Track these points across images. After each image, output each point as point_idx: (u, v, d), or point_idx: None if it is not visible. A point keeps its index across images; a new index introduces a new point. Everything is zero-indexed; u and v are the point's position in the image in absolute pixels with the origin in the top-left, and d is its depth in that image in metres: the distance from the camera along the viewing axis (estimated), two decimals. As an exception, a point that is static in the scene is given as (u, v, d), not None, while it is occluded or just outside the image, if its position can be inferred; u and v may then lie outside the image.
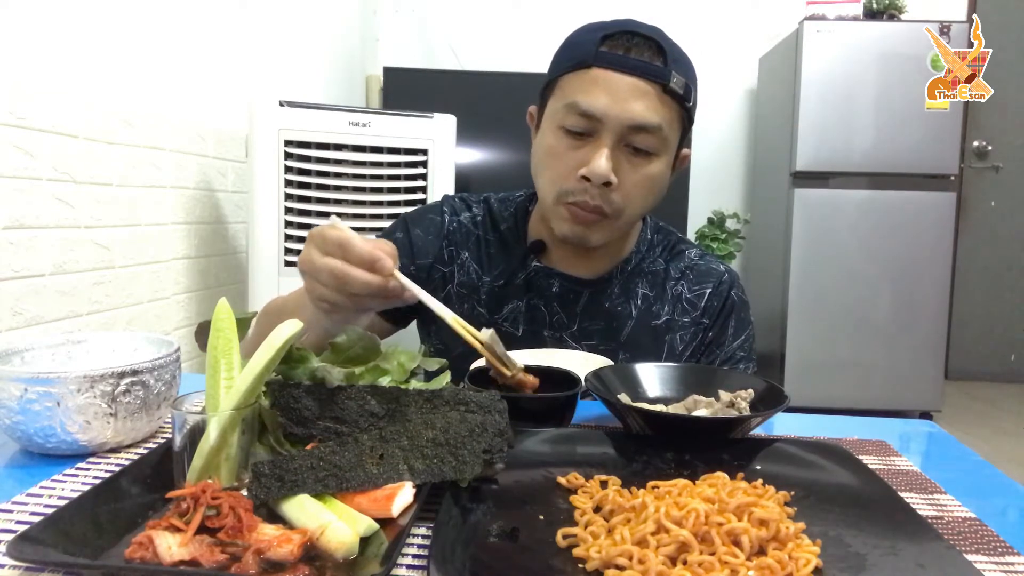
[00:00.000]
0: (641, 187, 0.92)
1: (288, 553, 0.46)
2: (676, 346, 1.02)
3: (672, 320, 1.03)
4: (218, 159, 2.04)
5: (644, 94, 0.88)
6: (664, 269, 1.05)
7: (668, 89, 0.88)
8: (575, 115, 0.89)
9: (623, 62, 0.88)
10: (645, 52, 0.89)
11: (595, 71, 0.88)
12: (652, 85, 0.88)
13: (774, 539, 0.49)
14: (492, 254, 1.05)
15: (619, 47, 0.89)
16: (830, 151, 3.16)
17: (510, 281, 1.02)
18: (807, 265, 3.21)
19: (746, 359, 1.04)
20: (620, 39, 0.89)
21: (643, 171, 0.91)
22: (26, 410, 0.63)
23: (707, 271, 1.06)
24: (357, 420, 0.61)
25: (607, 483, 0.58)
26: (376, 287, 0.70)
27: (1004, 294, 4.08)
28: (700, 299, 1.04)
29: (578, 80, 0.90)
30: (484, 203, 1.10)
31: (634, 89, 0.87)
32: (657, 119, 0.88)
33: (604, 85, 0.88)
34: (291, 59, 2.57)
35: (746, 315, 1.06)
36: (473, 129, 2.62)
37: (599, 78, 0.88)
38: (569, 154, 0.91)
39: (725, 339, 1.04)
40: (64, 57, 1.44)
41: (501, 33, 3.66)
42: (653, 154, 0.91)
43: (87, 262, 1.52)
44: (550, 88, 0.95)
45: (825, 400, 3.13)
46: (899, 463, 0.72)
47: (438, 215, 1.07)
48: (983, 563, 0.51)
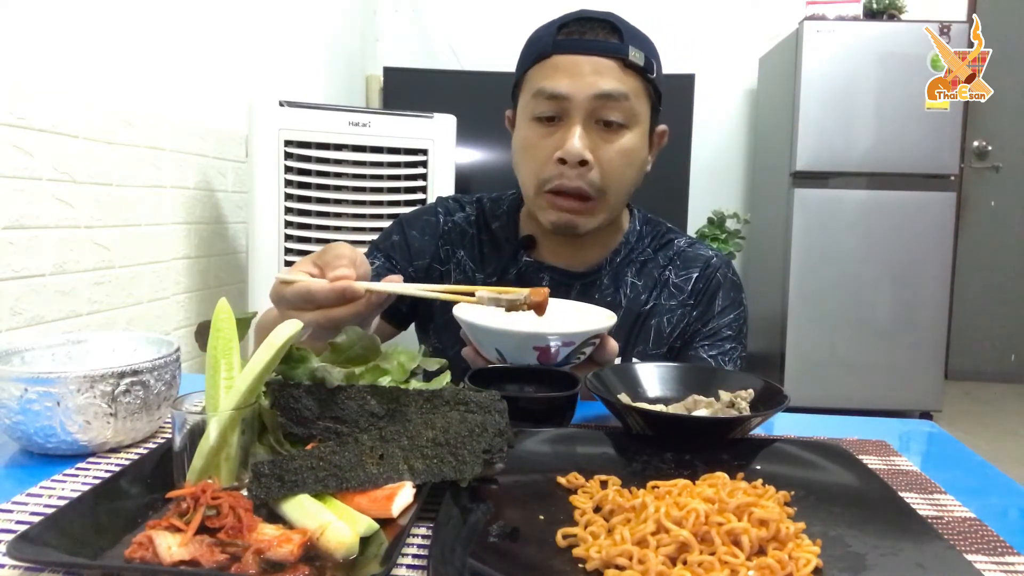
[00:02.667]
0: (618, 162, 0.94)
1: (288, 553, 0.46)
2: (663, 329, 1.02)
3: (659, 304, 1.03)
4: (218, 159, 2.04)
5: (606, 68, 0.91)
6: (653, 259, 1.06)
7: (628, 63, 0.91)
8: (543, 100, 0.93)
9: (580, 44, 0.92)
10: (600, 33, 0.93)
11: (556, 58, 0.92)
12: (612, 60, 0.91)
13: (774, 539, 0.49)
14: (486, 252, 1.07)
15: (575, 32, 0.93)
16: (830, 151, 3.16)
17: (503, 277, 1.04)
18: (807, 265, 3.21)
19: (733, 339, 1.03)
20: (575, 25, 0.94)
21: (617, 144, 0.93)
22: (26, 410, 0.63)
23: (695, 257, 1.06)
24: (357, 420, 0.61)
25: (607, 483, 0.58)
26: (361, 311, 0.72)
27: (1004, 294, 4.08)
28: (687, 283, 1.04)
29: (541, 70, 0.94)
30: (477, 203, 1.12)
31: (595, 65, 0.91)
32: (623, 87, 0.91)
33: (566, 67, 0.92)
34: (291, 59, 2.57)
35: (736, 296, 1.05)
36: (473, 129, 2.61)
37: (560, 63, 0.92)
38: (543, 142, 0.94)
39: (711, 316, 1.03)
40: (64, 57, 1.44)
41: (501, 33, 3.65)
42: (624, 126, 0.93)
43: (87, 262, 1.52)
44: (519, 87, 0.99)
45: (825, 400, 3.13)
46: (899, 463, 0.72)
47: (433, 216, 1.10)
48: (983, 563, 0.51)
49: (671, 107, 1.07)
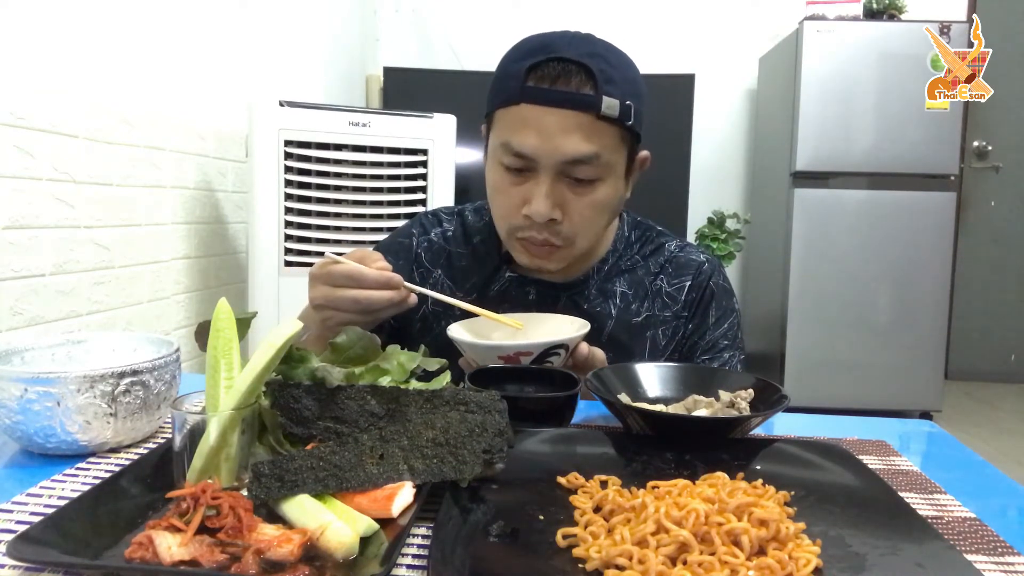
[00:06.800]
0: (588, 214, 0.91)
1: (288, 553, 0.46)
2: (659, 341, 1.02)
3: (652, 315, 1.02)
4: (218, 159, 2.04)
5: (576, 127, 0.85)
6: (643, 265, 1.05)
7: (601, 116, 0.85)
8: (510, 155, 0.88)
9: (549, 96, 0.85)
10: (573, 80, 0.85)
11: (523, 107, 0.86)
12: (583, 115, 0.85)
13: (774, 539, 0.49)
14: (465, 267, 1.05)
15: (545, 79, 0.85)
16: (830, 151, 3.16)
17: (483, 293, 1.02)
18: (807, 265, 3.21)
19: (731, 347, 1.02)
20: (546, 68, 0.85)
21: (588, 199, 0.89)
22: (26, 410, 0.63)
23: (686, 263, 1.05)
24: (357, 420, 0.61)
25: (607, 483, 0.58)
26: (396, 301, 0.82)
27: (1004, 294, 4.07)
28: (680, 292, 1.03)
29: (509, 117, 0.88)
30: (458, 216, 1.10)
31: (564, 124, 0.84)
32: (593, 148, 0.86)
33: (534, 123, 0.85)
34: (291, 59, 2.57)
35: (728, 303, 1.05)
36: (473, 129, 2.60)
37: (528, 116, 0.86)
38: (512, 190, 0.90)
39: (706, 328, 1.03)
40: (64, 57, 1.44)
41: (501, 33, 3.64)
42: (597, 180, 0.89)
43: (87, 262, 1.52)
44: (490, 118, 0.94)
45: (825, 400, 3.13)
46: (899, 463, 0.72)
47: (407, 238, 1.08)
48: (983, 563, 0.51)
49: (671, 107, 1.06)
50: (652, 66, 3.11)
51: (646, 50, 2.98)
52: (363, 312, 0.81)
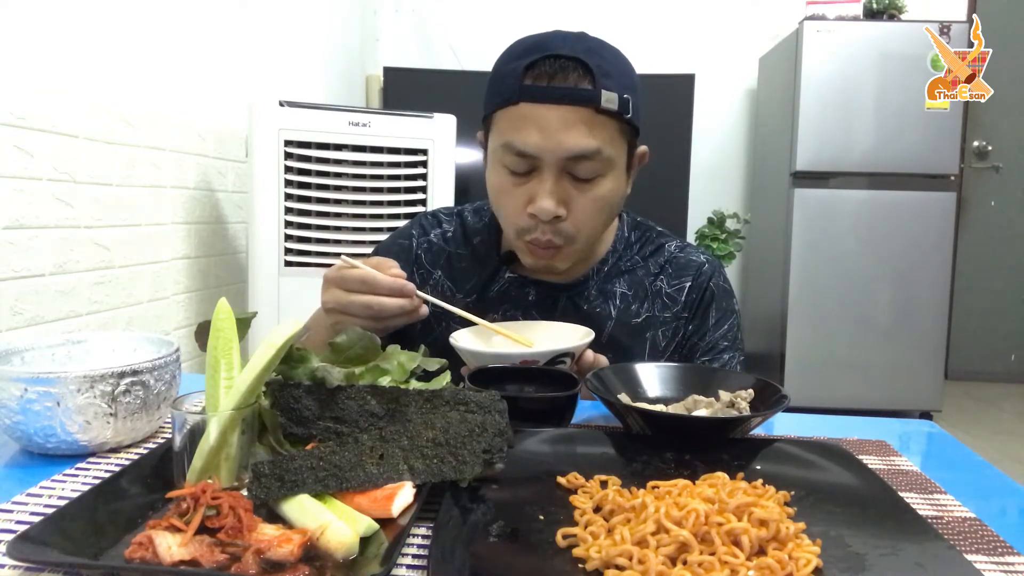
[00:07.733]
0: (592, 210, 0.91)
1: (288, 553, 0.46)
2: (659, 342, 1.02)
3: (652, 316, 1.02)
4: (218, 159, 2.04)
5: (576, 122, 0.85)
6: (643, 266, 1.05)
7: (601, 109, 0.85)
8: (512, 155, 0.88)
9: (548, 93, 0.85)
10: (570, 76, 0.85)
11: (522, 106, 0.86)
12: (582, 110, 0.85)
13: (774, 539, 0.49)
14: (464, 268, 1.05)
15: (543, 77, 0.85)
16: (830, 151, 3.16)
17: (483, 295, 1.02)
18: (807, 265, 3.21)
19: (731, 348, 1.02)
20: (543, 66, 0.86)
21: (591, 194, 0.90)
22: (26, 410, 0.63)
23: (686, 264, 1.05)
24: (357, 420, 0.61)
25: (607, 483, 0.58)
26: (408, 309, 0.82)
27: (1004, 294, 4.07)
28: (680, 293, 1.03)
29: (508, 118, 0.88)
30: (458, 216, 1.10)
31: (564, 120, 0.85)
32: (594, 143, 0.86)
33: (534, 121, 0.86)
34: (291, 59, 2.57)
35: (728, 304, 1.05)
36: (473, 129, 2.61)
37: (527, 114, 0.86)
38: (516, 191, 0.90)
39: (706, 329, 1.02)
40: (64, 57, 1.45)
41: (501, 33, 3.65)
42: (599, 176, 0.89)
43: (87, 262, 1.52)
44: (488, 121, 0.94)
45: (825, 400, 3.13)
46: (899, 463, 0.72)
47: (406, 239, 1.08)
48: (983, 563, 0.51)
49: (671, 107, 1.06)
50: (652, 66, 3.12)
51: (646, 50, 2.98)
52: (374, 318, 0.81)
